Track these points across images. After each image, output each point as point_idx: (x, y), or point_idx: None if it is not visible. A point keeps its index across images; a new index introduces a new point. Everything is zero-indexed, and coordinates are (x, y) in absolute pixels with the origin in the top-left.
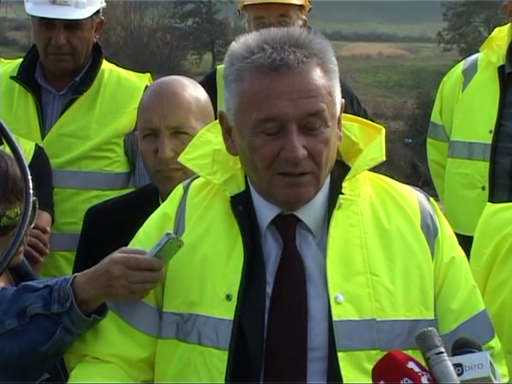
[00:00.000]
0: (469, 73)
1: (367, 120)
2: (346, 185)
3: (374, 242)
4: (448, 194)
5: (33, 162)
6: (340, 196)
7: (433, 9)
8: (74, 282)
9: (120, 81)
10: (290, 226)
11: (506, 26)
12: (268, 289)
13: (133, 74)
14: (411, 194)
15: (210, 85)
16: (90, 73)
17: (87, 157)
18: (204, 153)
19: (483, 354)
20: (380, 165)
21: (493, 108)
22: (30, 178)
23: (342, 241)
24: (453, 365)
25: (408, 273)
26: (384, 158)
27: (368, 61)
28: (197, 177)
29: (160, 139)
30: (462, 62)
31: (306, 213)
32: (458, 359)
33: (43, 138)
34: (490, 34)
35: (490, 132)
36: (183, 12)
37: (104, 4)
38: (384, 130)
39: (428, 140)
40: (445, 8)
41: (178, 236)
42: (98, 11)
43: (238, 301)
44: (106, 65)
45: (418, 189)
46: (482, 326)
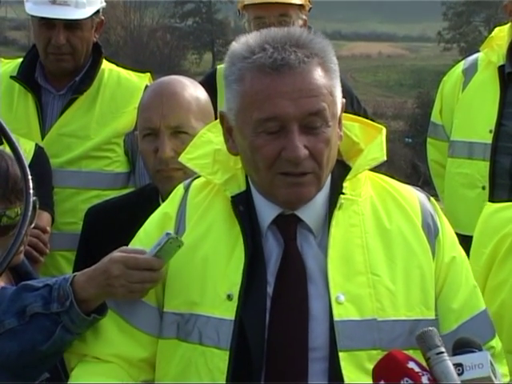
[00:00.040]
0: (469, 72)
1: (368, 120)
2: (346, 185)
3: (375, 241)
4: (448, 194)
5: (33, 161)
6: (341, 196)
7: (433, 8)
8: (73, 281)
9: (120, 80)
10: (290, 225)
11: (507, 25)
12: (269, 289)
13: (133, 74)
14: (412, 194)
15: (210, 84)
16: (90, 73)
17: (87, 157)
18: (205, 152)
19: (484, 353)
20: (380, 164)
21: (493, 108)
22: (30, 178)
23: (343, 241)
24: (453, 364)
25: (409, 273)
26: (385, 158)
27: (368, 60)
28: (197, 177)
29: (160, 139)
30: (462, 61)
31: (306, 213)
32: (459, 359)
33: (43, 138)
34: (490, 34)
35: (490, 132)
36: (183, 12)
37: (104, 4)
38: (385, 129)
39: (428, 140)
40: (445, 7)
41: (177, 236)
42: (97, 11)
43: (238, 301)
44: (105, 64)
45: (418, 188)
46: (483, 325)
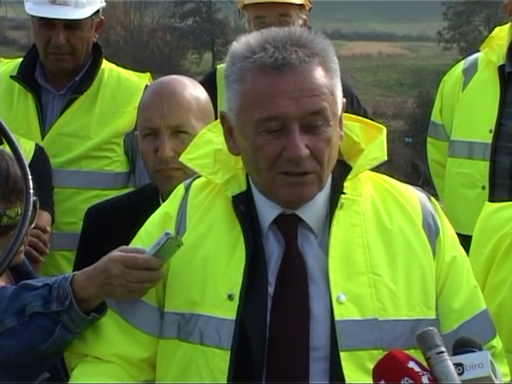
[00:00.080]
0: (469, 72)
1: (368, 119)
2: (347, 184)
3: (376, 241)
4: (448, 194)
5: (33, 161)
6: (342, 196)
7: (433, 8)
8: (73, 281)
9: (120, 80)
10: (291, 225)
11: (507, 25)
12: (270, 289)
13: (133, 74)
14: (413, 194)
15: (210, 84)
16: (90, 72)
17: (87, 156)
18: (205, 152)
19: (484, 353)
20: (380, 164)
21: (493, 107)
22: (30, 178)
23: (344, 240)
24: (453, 364)
25: (410, 272)
26: (386, 158)
27: (368, 60)
28: (198, 176)
29: (160, 139)
30: (463, 61)
31: (307, 212)
32: (459, 359)
33: (43, 138)
34: (490, 33)
35: (490, 131)
36: (183, 11)
37: (104, 4)
38: (385, 129)
39: (428, 139)
40: (445, 7)
41: (177, 236)
42: (97, 11)
43: (239, 301)
44: (105, 64)
45: (419, 188)
46: (484, 325)
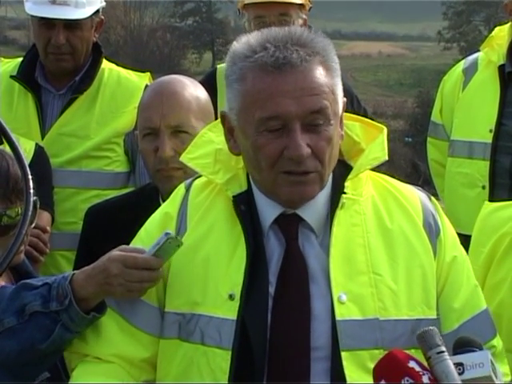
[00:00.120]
0: (469, 72)
1: (368, 119)
2: (348, 184)
3: (377, 241)
4: (448, 194)
5: (33, 161)
6: (343, 195)
7: (433, 8)
8: (72, 280)
9: (120, 80)
10: (292, 225)
11: (507, 25)
12: (271, 288)
13: (133, 74)
14: (413, 194)
15: (210, 84)
16: (90, 72)
17: (87, 156)
18: (206, 152)
19: (484, 353)
20: (380, 164)
21: (493, 107)
22: (30, 178)
23: (345, 240)
24: (454, 364)
25: (411, 272)
26: (386, 158)
27: (368, 60)
28: (198, 176)
29: (160, 138)
30: (463, 61)
31: (308, 212)
32: (459, 358)
33: (43, 138)
34: (490, 33)
35: (491, 131)
36: (183, 11)
37: (103, 3)
38: (386, 129)
39: (428, 139)
40: (445, 7)
41: (177, 236)
42: (97, 11)
43: (240, 300)
44: (105, 64)
45: (419, 188)
46: (484, 324)
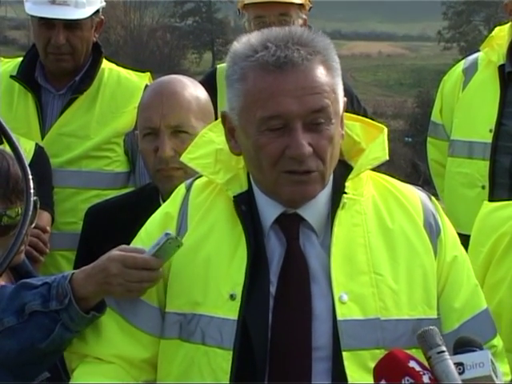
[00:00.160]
0: (469, 72)
1: (368, 119)
2: (348, 184)
3: (378, 241)
4: (448, 193)
5: (33, 161)
6: (343, 195)
7: (433, 8)
8: (72, 279)
9: (120, 80)
10: (293, 225)
11: (507, 25)
12: (272, 288)
13: (133, 74)
14: (414, 194)
15: (210, 84)
16: (90, 72)
17: (87, 156)
18: (206, 152)
19: (484, 352)
20: (380, 164)
21: (493, 107)
22: (30, 178)
23: (346, 240)
24: (454, 364)
25: (411, 272)
26: (387, 158)
27: (368, 60)
28: (199, 176)
29: (160, 138)
30: (463, 61)
31: (309, 212)
32: (460, 358)
33: (43, 138)
34: (490, 33)
35: (490, 131)
36: (183, 11)
37: (103, 3)
38: (386, 129)
39: (428, 139)
40: (445, 7)
41: (177, 236)
42: (97, 11)
43: (241, 300)
44: (105, 64)
45: (420, 188)
46: (485, 324)
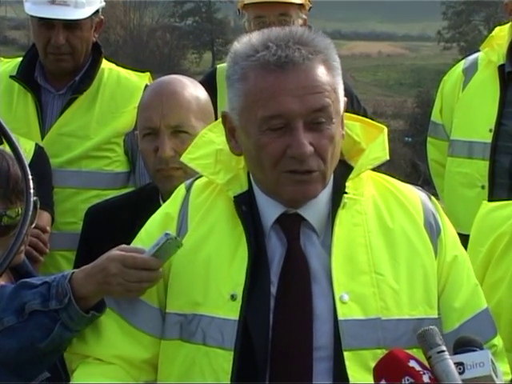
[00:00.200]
0: (469, 72)
1: (368, 119)
2: (349, 184)
3: (378, 241)
4: (448, 193)
5: (33, 161)
6: (344, 195)
7: (432, 7)
8: (71, 279)
9: (120, 80)
10: (294, 225)
11: (507, 25)
12: (272, 288)
13: (132, 74)
14: (414, 194)
15: (209, 84)
16: (90, 72)
17: (87, 156)
18: (206, 152)
19: (484, 352)
20: (381, 164)
21: (493, 107)
22: (30, 178)
23: (347, 240)
24: (454, 363)
25: (412, 272)
26: (387, 158)
27: (368, 60)
28: (199, 177)
29: (160, 138)
30: (463, 61)
31: (310, 212)
32: (460, 358)
33: (43, 138)
34: (489, 33)
35: (490, 131)
36: (183, 11)
37: (103, 3)
38: (386, 129)
39: (428, 139)
40: (444, 7)
41: (176, 236)
42: (97, 11)
43: (242, 301)
44: (105, 64)
45: (419, 188)
46: (485, 324)
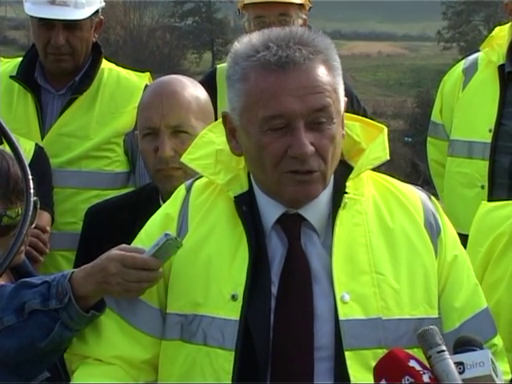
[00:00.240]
0: (469, 72)
1: (368, 119)
2: (349, 184)
3: (379, 241)
4: (447, 193)
5: (33, 161)
6: (344, 195)
7: (432, 7)
8: (71, 278)
9: (119, 80)
10: (294, 225)
11: (507, 25)
12: (273, 289)
13: (132, 74)
14: (414, 194)
15: (209, 84)
16: (90, 72)
17: (87, 156)
18: (207, 153)
19: (484, 352)
20: (381, 164)
21: (493, 107)
22: (30, 178)
23: (347, 240)
24: (454, 363)
25: (412, 271)
26: (388, 157)
27: (367, 60)
28: (199, 177)
29: (160, 138)
30: (463, 61)
31: (310, 212)
32: (460, 357)
33: (43, 138)
34: (489, 33)
35: (490, 131)
36: (183, 11)
37: (103, 4)
38: (386, 129)
39: (428, 139)
40: (444, 7)
41: (176, 237)
42: (97, 11)
43: (243, 301)
44: (105, 64)
45: (419, 188)
46: (485, 323)
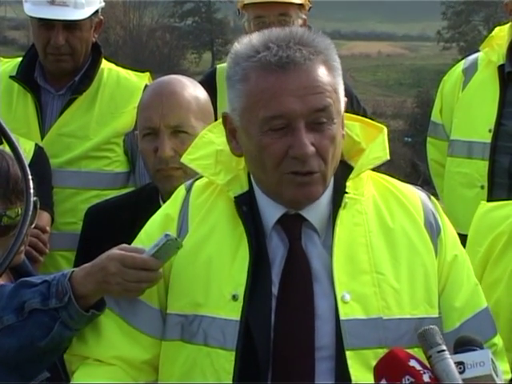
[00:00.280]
0: (469, 72)
1: (368, 119)
2: (349, 184)
3: (379, 240)
4: (447, 193)
5: (33, 161)
6: (345, 195)
7: (432, 8)
8: (71, 277)
9: (119, 80)
10: (295, 225)
11: (507, 25)
12: (274, 289)
13: (132, 74)
14: (414, 193)
15: (209, 84)
16: (89, 72)
17: (87, 157)
18: (207, 153)
19: (485, 351)
20: (381, 164)
21: (492, 107)
22: (30, 178)
23: (348, 240)
24: (454, 363)
25: (413, 271)
26: (388, 157)
27: (367, 60)
28: (199, 177)
29: (160, 138)
30: (463, 61)
31: (311, 212)
32: (460, 357)
33: (43, 138)
34: (489, 33)
35: (490, 131)
36: (182, 11)
37: (103, 4)
38: (386, 129)
39: (428, 139)
40: (444, 7)
41: (176, 237)
42: (96, 11)
43: (244, 301)
44: (105, 64)
45: (419, 188)
46: (485, 323)
